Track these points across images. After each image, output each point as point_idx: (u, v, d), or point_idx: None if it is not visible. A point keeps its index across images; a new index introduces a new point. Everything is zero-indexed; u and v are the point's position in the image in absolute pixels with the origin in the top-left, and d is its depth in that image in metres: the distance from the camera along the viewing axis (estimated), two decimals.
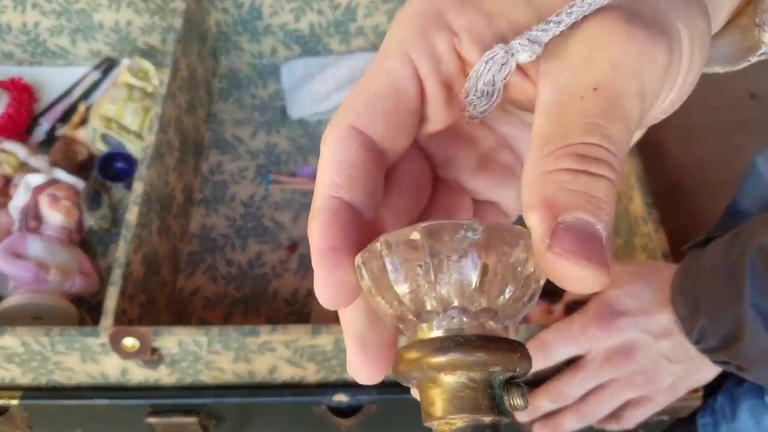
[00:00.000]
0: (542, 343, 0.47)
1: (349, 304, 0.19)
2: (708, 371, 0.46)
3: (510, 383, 0.17)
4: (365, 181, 0.19)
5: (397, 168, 0.21)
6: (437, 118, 0.20)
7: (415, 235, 0.17)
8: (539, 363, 0.48)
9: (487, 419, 0.17)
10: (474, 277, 0.16)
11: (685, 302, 0.42)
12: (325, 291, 0.19)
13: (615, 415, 0.49)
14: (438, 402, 0.18)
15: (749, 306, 0.37)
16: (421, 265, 0.17)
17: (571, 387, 0.47)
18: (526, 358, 0.17)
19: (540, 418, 0.51)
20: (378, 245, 0.17)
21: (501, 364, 0.17)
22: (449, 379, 0.18)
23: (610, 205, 0.16)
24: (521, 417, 0.51)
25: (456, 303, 0.17)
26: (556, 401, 0.48)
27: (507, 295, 0.17)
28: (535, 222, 0.16)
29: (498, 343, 0.17)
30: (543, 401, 0.49)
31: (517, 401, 0.17)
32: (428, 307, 0.17)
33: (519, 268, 0.17)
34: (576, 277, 0.15)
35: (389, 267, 0.17)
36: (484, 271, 0.16)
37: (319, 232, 0.20)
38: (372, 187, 0.19)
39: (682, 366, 0.45)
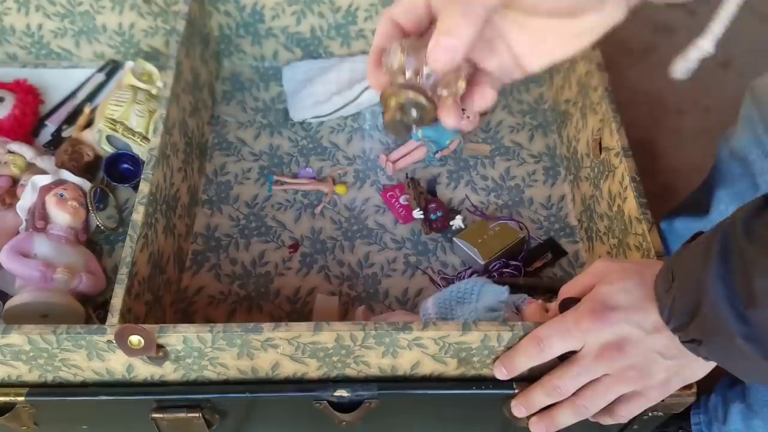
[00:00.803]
0: (537, 338, 0.48)
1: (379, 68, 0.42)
2: (700, 367, 0.47)
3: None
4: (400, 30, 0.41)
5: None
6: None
7: (402, 42, 0.40)
8: (534, 358, 0.49)
9: (414, 96, 0.40)
10: (422, 59, 0.39)
11: (664, 281, 0.43)
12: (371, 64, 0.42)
13: (608, 409, 0.50)
14: (393, 103, 0.40)
15: (713, 274, 0.37)
16: (402, 50, 0.40)
17: (565, 381, 0.48)
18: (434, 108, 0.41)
19: (536, 413, 0.52)
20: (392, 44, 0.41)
21: (423, 96, 0.40)
22: (402, 95, 0.40)
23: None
24: (518, 411, 0.52)
25: (412, 69, 0.40)
26: (551, 395, 0.49)
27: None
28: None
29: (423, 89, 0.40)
30: (538, 395, 0.50)
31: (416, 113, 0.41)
32: (398, 67, 0.40)
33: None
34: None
35: (391, 52, 0.40)
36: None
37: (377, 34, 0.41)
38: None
39: (675, 361, 0.46)
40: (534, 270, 0.71)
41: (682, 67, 0.43)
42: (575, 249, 0.73)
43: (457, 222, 0.73)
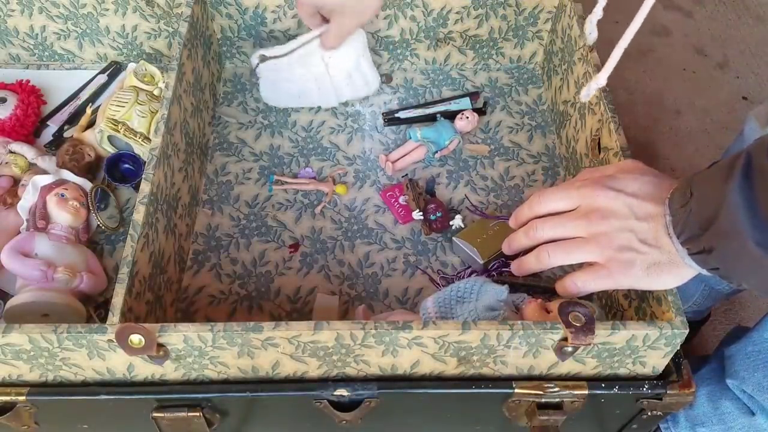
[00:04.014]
0: (540, 193, 0.52)
1: None
2: (671, 275, 0.48)
3: None
4: None
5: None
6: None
7: None
8: (534, 209, 0.53)
9: None
10: None
11: (681, 195, 0.45)
12: None
13: (571, 274, 0.52)
14: None
15: (735, 187, 0.40)
16: None
17: (544, 227, 0.51)
18: None
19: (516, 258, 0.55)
20: None
21: None
22: None
23: None
24: (505, 248, 0.56)
25: None
26: (527, 234, 0.53)
27: None
28: None
29: None
30: (520, 235, 0.54)
31: None
32: None
33: None
34: None
35: None
36: None
37: None
38: None
39: (649, 249, 0.48)
40: None
41: (584, 94, 0.58)
42: None
43: (457, 221, 0.74)
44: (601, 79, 0.56)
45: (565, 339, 0.50)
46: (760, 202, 0.39)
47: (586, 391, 0.54)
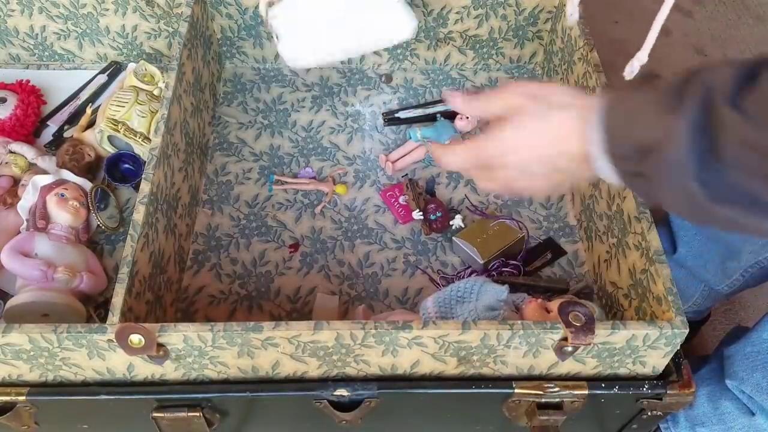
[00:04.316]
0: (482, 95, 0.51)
1: None
2: (577, 138, 0.46)
3: None
4: None
5: None
6: None
7: None
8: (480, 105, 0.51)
9: None
10: None
11: (620, 113, 0.44)
12: None
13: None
14: None
15: (688, 123, 0.39)
16: None
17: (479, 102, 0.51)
18: None
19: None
20: None
21: None
22: None
23: None
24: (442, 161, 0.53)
25: None
26: (469, 103, 0.52)
27: None
28: None
29: None
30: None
31: None
32: None
33: None
34: None
35: None
36: None
37: None
38: None
39: (566, 105, 0.47)
40: (533, 269, 0.71)
41: (628, 72, 0.57)
42: (574, 248, 0.73)
43: (457, 221, 0.74)
44: (643, 55, 0.56)
45: (565, 339, 0.50)
46: (709, 144, 0.38)
47: (586, 391, 0.54)
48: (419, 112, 0.84)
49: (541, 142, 0.47)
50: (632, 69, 0.57)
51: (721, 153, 0.38)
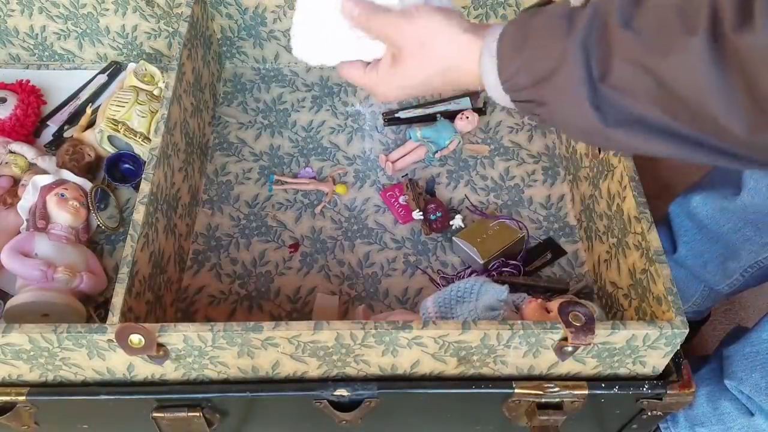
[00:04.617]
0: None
1: None
2: (467, 70, 0.47)
3: None
4: None
5: None
6: None
7: None
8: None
9: None
10: None
11: (514, 40, 0.44)
12: None
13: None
14: None
15: (577, 41, 0.39)
16: None
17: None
18: None
19: None
20: None
21: None
22: None
23: None
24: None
25: None
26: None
27: None
28: None
29: None
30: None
31: None
32: None
33: None
34: None
35: None
36: None
37: None
38: None
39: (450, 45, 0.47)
40: (533, 269, 0.71)
41: None
42: (574, 248, 0.73)
43: (457, 221, 0.74)
44: None
45: (565, 339, 0.50)
46: (598, 62, 0.38)
47: (586, 391, 0.54)
48: (419, 112, 0.84)
49: (429, 77, 0.49)
50: None
51: (614, 75, 0.38)
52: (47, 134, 0.82)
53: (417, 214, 0.74)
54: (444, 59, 0.48)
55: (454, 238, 0.72)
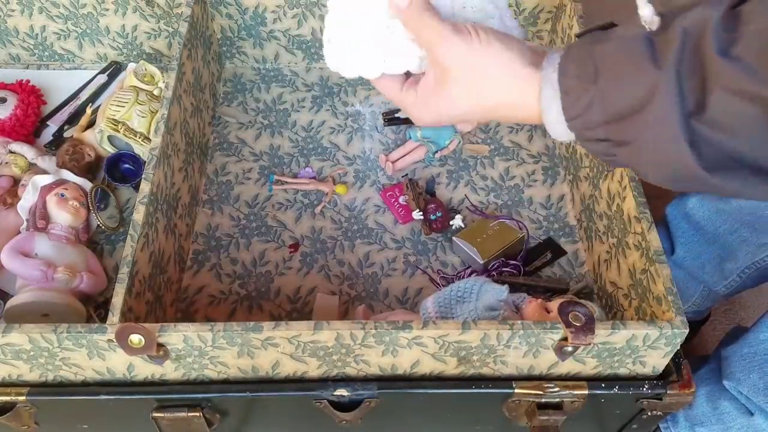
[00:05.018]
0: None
1: None
2: (523, 106, 0.41)
3: None
4: None
5: None
6: None
7: None
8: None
9: None
10: None
11: (581, 70, 0.38)
12: None
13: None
14: None
15: (669, 76, 0.35)
16: None
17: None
18: None
19: None
20: None
21: None
22: None
23: None
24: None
25: None
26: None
27: None
28: None
29: None
30: None
31: None
32: None
33: None
34: None
35: None
36: None
37: None
38: None
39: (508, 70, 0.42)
40: (533, 269, 0.71)
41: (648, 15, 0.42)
42: (574, 248, 0.73)
43: (457, 221, 0.74)
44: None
45: (565, 339, 0.50)
46: (693, 96, 0.34)
47: (586, 391, 0.54)
48: None
49: (474, 108, 0.43)
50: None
51: (714, 108, 0.34)
52: (47, 134, 0.82)
53: (417, 214, 0.74)
54: (498, 94, 0.42)
55: (454, 238, 0.72)
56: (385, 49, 0.46)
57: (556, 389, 0.54)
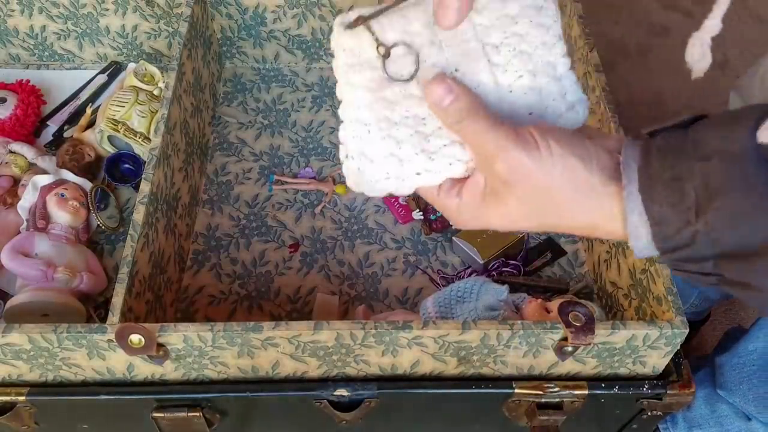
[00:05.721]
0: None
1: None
2: (604, 227, 0.34)
3: None
4: None
5: None
6: None
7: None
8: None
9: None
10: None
11: (675, 197, 0.31)
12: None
13: None
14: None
15: None
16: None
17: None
18: None
19: None
20: None
21: None
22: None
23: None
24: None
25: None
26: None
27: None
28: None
29: None
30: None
31: None
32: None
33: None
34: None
35: None
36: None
37: None
38: None
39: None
40: (533, 269, 0.71)
41: (697, 58, 0.38)
42: (574, 248, 0.73)
43: None
44: (713, 24, 0.38)
45: (565, 339, 0.50)
46: None
47: (586, 391, 0.54)
48: None
49: (536, 226, 0.35)
50: (702, 51, 0.36)
51: None
52: (47, 134, 0.82)
53: (417, 214, 0.74)
54: (570, 218, 0.34)
55: (454, 237, 0.72)
56: (420, 162, 0.36)
57: (556, 389, 0.54)
